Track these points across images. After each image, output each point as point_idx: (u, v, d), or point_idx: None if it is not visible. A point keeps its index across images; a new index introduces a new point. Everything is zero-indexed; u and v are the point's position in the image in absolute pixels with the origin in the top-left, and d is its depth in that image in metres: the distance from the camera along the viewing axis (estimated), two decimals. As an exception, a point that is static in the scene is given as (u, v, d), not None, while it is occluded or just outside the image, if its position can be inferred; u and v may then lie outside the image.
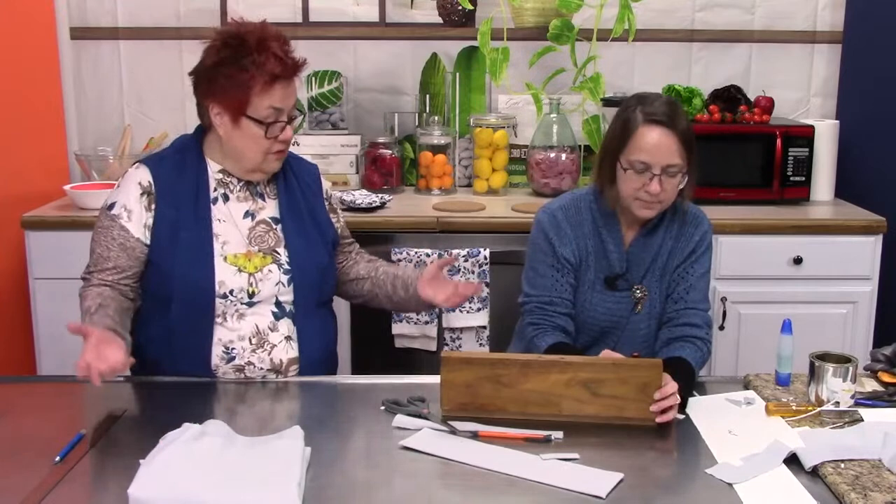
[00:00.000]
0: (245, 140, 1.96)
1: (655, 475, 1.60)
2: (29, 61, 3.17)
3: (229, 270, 1.98)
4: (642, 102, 2.03)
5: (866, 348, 2.88)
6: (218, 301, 1.96)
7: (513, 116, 3.33)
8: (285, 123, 1.97)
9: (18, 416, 1.80)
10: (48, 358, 2.96)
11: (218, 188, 2.03)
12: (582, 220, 2.12)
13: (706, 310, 2.10)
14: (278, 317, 2.02)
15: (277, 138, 1.97)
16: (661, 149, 1.98)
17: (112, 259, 1.96)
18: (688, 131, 2.01)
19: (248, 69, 1.90)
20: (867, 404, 1.81)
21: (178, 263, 1.95)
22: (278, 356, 2.00)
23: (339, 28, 3.41)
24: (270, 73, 1.91)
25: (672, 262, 2.11)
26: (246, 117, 1.93)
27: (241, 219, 2.03)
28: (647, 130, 1.99)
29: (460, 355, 1.83)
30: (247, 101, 1.92)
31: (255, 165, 2.00)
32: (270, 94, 1.93)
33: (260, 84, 1.91)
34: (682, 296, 2.09)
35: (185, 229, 1.97)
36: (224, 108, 1.94)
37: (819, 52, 3.44)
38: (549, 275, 2.11)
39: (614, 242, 2.10)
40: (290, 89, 1.97)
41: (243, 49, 1.91)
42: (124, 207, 1.98)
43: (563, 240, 2.11)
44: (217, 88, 1.94)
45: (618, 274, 2.10)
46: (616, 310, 2.11)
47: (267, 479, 1.45)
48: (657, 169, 1.98)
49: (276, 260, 2.02)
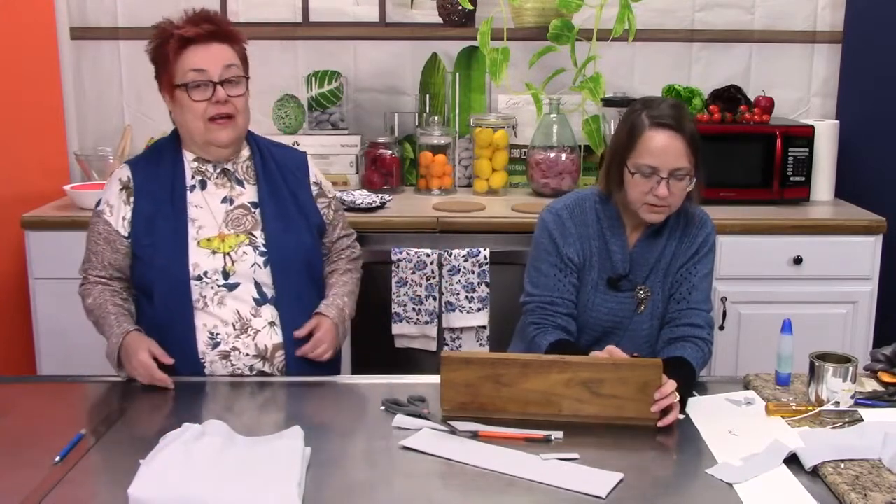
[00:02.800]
0: (183, 112, 2.04)
1: (655, 475, 1.60)
2: (29, 61, 3.17)
3: (203, 253, 2.03)
4: (648, 106, 2.02)
5: (866, 348, 2.88)
6: (193, 284, 2.00)
7: (513, 116, 3.33)
8: (214, 84, 2.01)
9: (18, 416, 1.81)
10: (48, 358, 2.97)
11: (195, 176, 2.09)
12: (586, 220, 2.12)
13: (708, 310, 2.10)
14: (259, 303, 2.05)
15: (210, 100, 2.00)
16: (668, 152, 1.97)
17: (100, 254, 2.06)
18: (694, 133, 2.01)
19: (166, 43, 2.00)
20: (867, 404, 1.81)
21: (156, 253, 2.02)
22: (262, 342, 2.03)
23: (339, 28, 3.41)
24: (180, 37, 1.99)
25: (675, 262, 2.11)
26: (176, 88, 2.01)
27: (219, 203, 2.08)
28: (654, 134, 1.99)
29: (460, 355, 1.83)
30: (171, 72, 2.01)
31: (201, 138, 2.05)
32: (186, 57, 2.00)
33: (174, 50, 1.99)
34: (685, 296, 2.09)
35: (162, 219, 2.03)
36: (164, 90, 2.06)
37: (819, 52, 3.44)
38: (552, 274, 2.11)
39: (618, 243, 2.10)
40: (212, 52, 2.02)
41: (164, 33, 2.02)
42: (107, 203, 2.08)
43: (567, 240, 2.10)
44: (157, 77, 2.06)
45: (621, 275, 2.10)
46: (619, 310, 2.11)
47: (267, 480, 1.45)
48: (665, 172, 1.97)
49: (251, 242, 2.06)
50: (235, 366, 2.02)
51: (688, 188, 2.02)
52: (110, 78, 3.42)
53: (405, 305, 2.89)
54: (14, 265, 3.04)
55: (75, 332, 2.83)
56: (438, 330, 2.91)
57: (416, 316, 2.90)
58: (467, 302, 2.86)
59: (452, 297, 2.87)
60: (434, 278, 2.87)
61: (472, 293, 2.86)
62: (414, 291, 2.88)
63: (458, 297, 2.86)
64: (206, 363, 2.02)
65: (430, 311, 2.88)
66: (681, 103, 2.07)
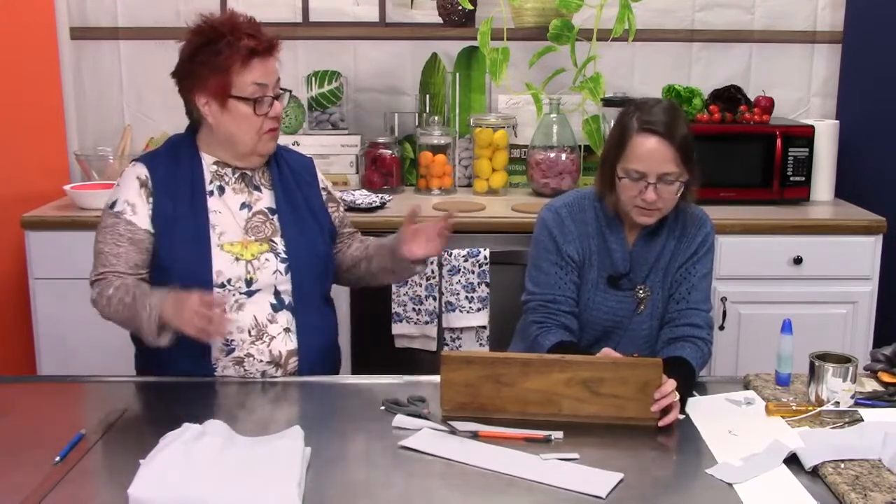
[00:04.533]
0: (237, 122, 1.98)
1: (655, 475, 1.60)
2: (29, 61, 3.17)
3: (227, 259, 1.99)
4: (641, 109, 2.01)
5: (866, 348, 2.87)
6: (216, 291, 1.97)
7: (513, 116, 3.33)
8: (272, 98, 2.00)
9: (18, 416, 1.80)
10: (48, 358, 2.96)
11: (214, 181, 2.04)
12: (586, 218, 2.12)
13: (708, 310, 2.10)
14: (276, 308, 2.02)
15: (268, 115, 1.99)
16: (654, 158, 1.97)
17: (122, 255, 1.97)
18: (686, 139, 1.99)
19: (223, 51, 1.94)
20: (867, 404, 1.81)
21: (175, 255, 1.97)
22: (277, 348, 2.01)
23: (339, 28, 3.41)
24: (246, 48, 1.94)
25: (675, 262, 2.11)
26: (232, 98, 1.96)
27: (238, 209, 2.04)
28: (642, 139, 1.98)
29: (460, 354, 1.83)
30: (229, 82, 1.95)
31: (250, 148, 2.02)
32: (251, 70, 1.96)
33: (238, 62, 1.94)
34: (684, 296, 2.09)
35: (181, 220, 1.99)
36: (210, 95, 1.97)
37: (819, 52, 3.44)
38: (553, 272, 2.10)
39: (618, 242, 2.09)
40: (270, 66, 2.00)
41: (215, 34, 1.95)
42: (127, 202, 1.99)
43: (567, 237, 2.10)
44: (199, 79, 1.97)
45: (621, 273, 2.10)
46: (619, 309, 2.11)
47: (267, 480, 1.45)
48: (652, 177, 1.97)
49: (272, 249, 2.03)
50: (248, 371, 2.00)
51: (679, 192, 2.02)
52: (110, 78, 3.42)
53: (405, 305, 2.89)
54: (14, 265, 3.04)
55: (75, 332, 2.84)
56: (438, 330, 2.91)
57: (416, 316, 2.90)
58: (467, 302, 2.86)
59: (452, 297, 2.87)
60: (434, 278, 2.87)
61: (472, 293, 2.86)
62: (414, 291, 2.88)
63: (458, 297, 2.86)
64: (217, 368, 2.00)
65: (430, 311, 2.88)
66: (675, 106, 2.06)
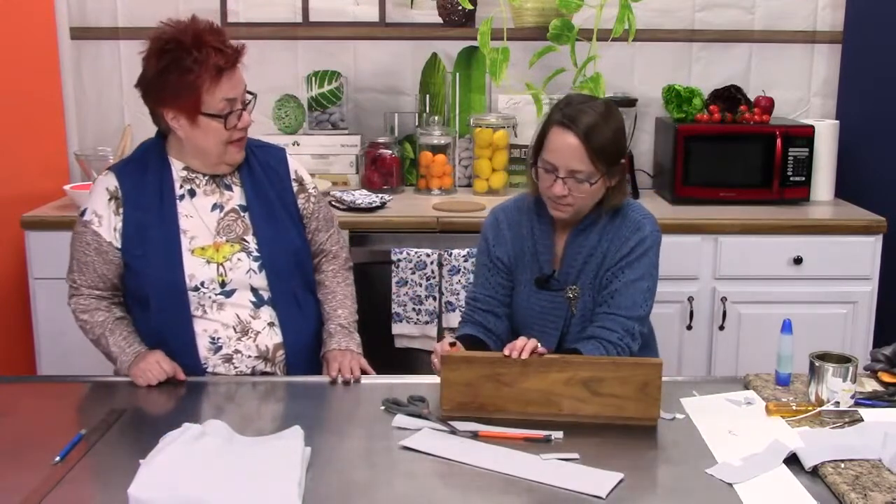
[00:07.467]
0: (207, 137, 1.99)
1: (655, 475, 1.60)
2: (29, 61, 3.17)
3: (197, 263, 2.01)
4: (569, 104, 2.02)
5: (866, 348, 2.88)
6: (191, 294, 2.00)
7: (513, 116, 3.33)
8: (241, 110, 2.00)
9: (18, 416, 1.81)
10: (48, 358, 2.97)
11: (184, 185, 2.05)
12: (521, 220, 2.15)
13: (632, 317, 2.03)
14: (257, 305, 2.05)
15: (237, 127, 1.99)
16: (564, 152, 1.98)
17: (90, 265, 2.02)
18: (604, 140, 1.98)
19: (192, 69, 1.91)
20: (867, 404, 1.81)
21: (149, 263, 1.99)
22: (264, 343, 2.03)
23: (339, 28, 3.41)
24: (215, 66, 1.92)
25: (605, 264, 2.08)
26: (203, 115, 1.95)
27: (210, 212, 2.05)
28: (557, 132, 2.00)
29: (460, 354, 1.83)
30: (199, 100, 1.94)
31: (218, 159, 2.03)
32: (220, 87, 1.95)
33: (207, 81, 1.93)
34: (606, 299, 2.06)
35: (152, 229, 2.00)
36: (178, 111, 1.96)
37: (819, 52, 3.44)
38: (481, 273, 2.19)
39: (545, 243, 2.11)
40: (237, 77, 1.99)
41: (181, 51, 1.92)
42: (94, 213, 2.02)
43: (498, 240, 2.15)
44: (167, 95, 1.95)
45: (546, 275, 2.11)
46: (551, 309, 2.11)
47: (267, 480, 1.45)
48: (562, 172, 1.99)
49: (244, 248, 2.05)
50: (238, 368, 2.03)
51: (597, 192, 2.02)
52: (110, 78, 3.42)
53: (405, 305, 2.89)
54: (14, 265, 3.04)
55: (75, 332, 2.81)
56: (438, 330, 2.91)
57: (416, 316, 2.90)
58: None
59: (452, 297, 2.87)
60: (434, 278, 2.87)
61: (472, 293, 2.86)
62: (414, 291, 2.88)
63: (458, 296, 2.86)
64: (208, 367, 2.02)
65: (431, 311, 2.88)
66: (609, 109, 2.02)
